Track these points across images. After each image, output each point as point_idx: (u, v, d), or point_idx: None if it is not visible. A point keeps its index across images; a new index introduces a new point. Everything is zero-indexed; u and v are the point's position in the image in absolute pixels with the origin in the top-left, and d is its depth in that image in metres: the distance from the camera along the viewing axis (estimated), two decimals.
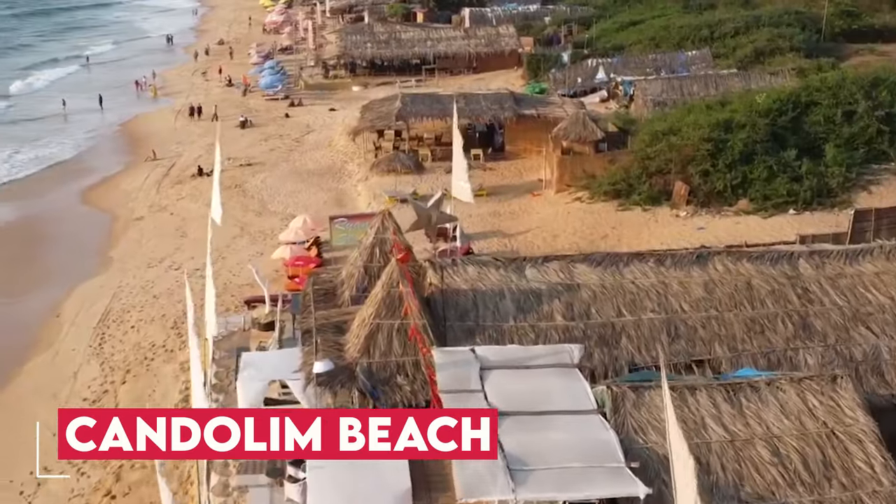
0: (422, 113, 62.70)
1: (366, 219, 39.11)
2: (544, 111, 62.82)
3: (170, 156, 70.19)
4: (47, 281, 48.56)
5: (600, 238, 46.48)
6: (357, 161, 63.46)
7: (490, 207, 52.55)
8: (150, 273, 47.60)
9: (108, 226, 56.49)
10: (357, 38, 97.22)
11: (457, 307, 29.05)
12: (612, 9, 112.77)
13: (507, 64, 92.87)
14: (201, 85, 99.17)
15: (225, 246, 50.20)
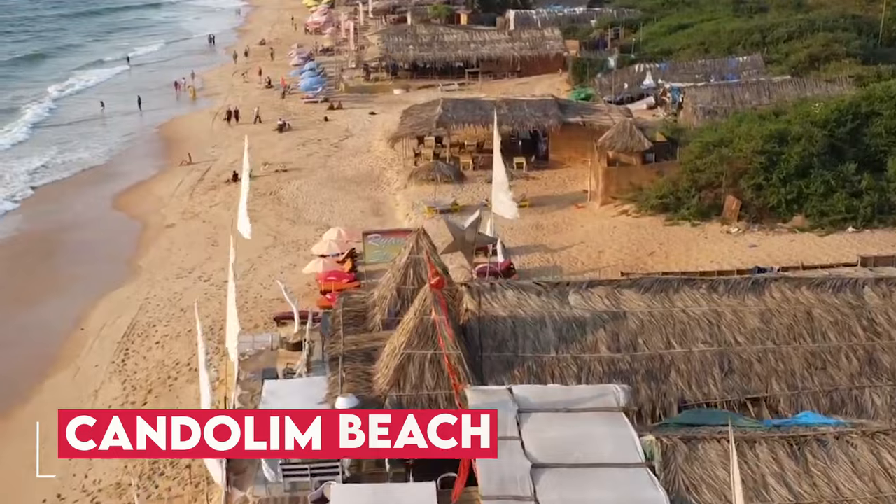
0: (463, 119, 60.81)
1: (400, 235, 37.34)
2: (590, 119, 60.73)
3: (205, 160, 68.76)
4: (75, 290, 47.18)
5: (647, 255, 44.39)
6: (396, 168, 61.69)
7: (532, 219, 50.57)
8: (179, 284, 46.06)
9: (139, 233, 55.03)
10: (399, 40, 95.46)
11: (494, 336, 27.20)
12: (659, 11, 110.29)
13: (551, 68, 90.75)
14: (240, 86, 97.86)
15: (257, 256, 48.65)
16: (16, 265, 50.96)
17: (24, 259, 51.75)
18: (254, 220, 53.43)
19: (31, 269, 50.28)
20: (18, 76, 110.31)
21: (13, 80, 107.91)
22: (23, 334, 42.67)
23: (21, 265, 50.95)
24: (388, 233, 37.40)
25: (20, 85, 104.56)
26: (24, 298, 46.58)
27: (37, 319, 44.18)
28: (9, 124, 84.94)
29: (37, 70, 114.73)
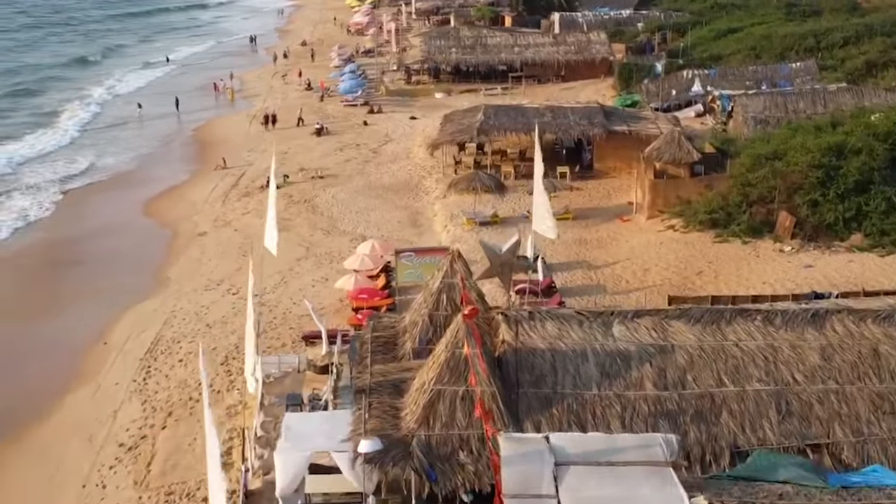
0: (505, 127, 58.85)
1: (434, 254, 35.51)
2: (636, 127, 58.55)
3: (240, 164, 67.25)
4: (101, 301, 45.73)
5: (695, 274, 42.19)
6: (435, 176, 59.80)
7: (575, 233, 48.54)
8: (207, 297, 44.46)
9: (169, 241, 53.56)
10: (442, 43, 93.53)
11: (532, 370, 25.23)
12: (708, 15, 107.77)
13: (597, 72, 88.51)
14: (280, 88, 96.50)
15: (288, 269, 46.98)
16: (42, 273, 49.70)
17: (51, 267, 50.54)
18: (286, 229, 52.41)
19: (57, 278, 49.01)
20: (65, 77, 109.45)
21: (59, 80, 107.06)
22: (47, 345, 41.35)
23: (47, 273, 49.70)
24: (422, 251, 35.53)
25: (66, 86, 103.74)
26: (50, 308, 45.26)
27: (61, 330, 42.85)
28: (48, 128, 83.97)
29: (82, 72, 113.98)
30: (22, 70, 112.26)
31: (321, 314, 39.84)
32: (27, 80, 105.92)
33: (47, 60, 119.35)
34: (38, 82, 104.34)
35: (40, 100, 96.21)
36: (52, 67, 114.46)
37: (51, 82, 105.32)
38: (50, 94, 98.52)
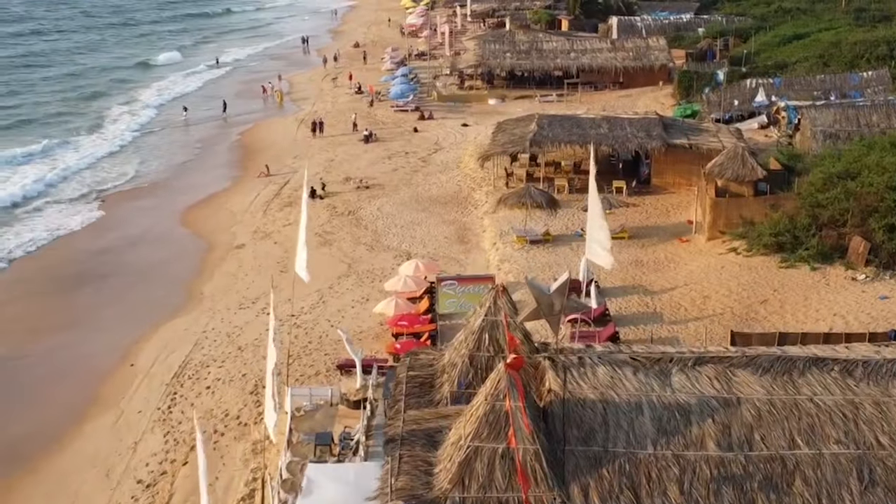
0: (559, 138, 56.24)
1: (478, 282, 33.09)
2: (697, 140, 55.67)
3: (284, 172, 65.26)
4: (131, 317, 43.88)
5: (759, 303, 39.33)
6: (485, 188, 57.35)
7: (631, 254, 45.89)
8: (241, 316, 42.38)
9: (206, 254, 51.57)
10: (496, 47, 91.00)
11: (581, 425, 22.65)
12: (772, 20, 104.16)
13: (656, 79, 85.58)
14: (330, 91, 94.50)
15: (328, 287, 44.84)
16: (72, 286, 47.96)
17: (81, 280, 48.84)
18: (328, 243, 50.53)
19: (86, 291, 47.28)
20: (121, 80, 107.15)
21: (115, 84, 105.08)
22: (73, 364, 39.65)
23: (77, 286, 47.99)
24: (465, 280, 33.04)
25: (120, 90, 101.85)
26: (78, 323, 43.64)
27: (89, 348, 41.09)
28: (99, 133, 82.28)
29: (139, 75, 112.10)
30: (83, 73, 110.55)
31: (358, 340, 37.74)
32: (86, 83, 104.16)
33: (105, 62, 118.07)
34: (95, 86, 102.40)
35: (96, 103, 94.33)
36: (110, 70, 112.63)
37: (107, 86, 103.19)
38: (104, 99, 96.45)
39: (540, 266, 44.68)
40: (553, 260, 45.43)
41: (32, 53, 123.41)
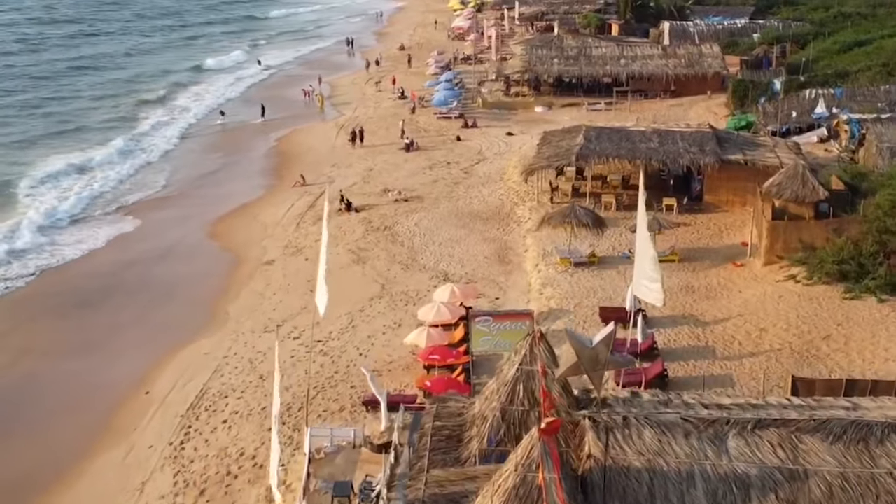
0: (607, 152, 53.51)
1: (514, 319, 30.50)
2: (753, 156, 52.67)
3: (321, 181, 62.77)
4: (150, 338, 41.74)
5: (821, 339, 36.35)
6: (529, 204, 54.66)
7: (682, 278, 43.10)
8: (265, 341, 39.99)
9: (234, 269, 49.36)
10: (544, 53, 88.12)
11: (624, 496, 20.19)
12: (831, 25, 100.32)
13: (708, 88, 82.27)
14: (372, 96, 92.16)
15: (358, 310, 42.46)
16: (94, 303, 45.99)
17: (105, 296, 46.84)
18: (362, 260, 48.14)
19: (109, 309, 45.20)
20: (172, 83, 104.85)
21: (163, 87, 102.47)
22: (86, 391, 37.67)
23: (100, 303, 46.02)
24: (501, 316, 30.38)
25: (162, 93, 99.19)
26: (96, 345, 41.55)
27: (104, 373, 38.97)
28: (138, 140, 79.99)
29: (189, 77, 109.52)
30: (131, 78, 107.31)
31: (388, 371, 35.40)
32: (130, 88, 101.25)
33: (153, 67, 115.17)
34: (139, 91, 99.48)
35: (139, 109, 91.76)
36: (159, 75, 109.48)
37: (151, 90, 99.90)
38: (147, 105, 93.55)
39: (584, 292, 42.03)
40: (598, 285, 42.73)
41: (82, 57, 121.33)
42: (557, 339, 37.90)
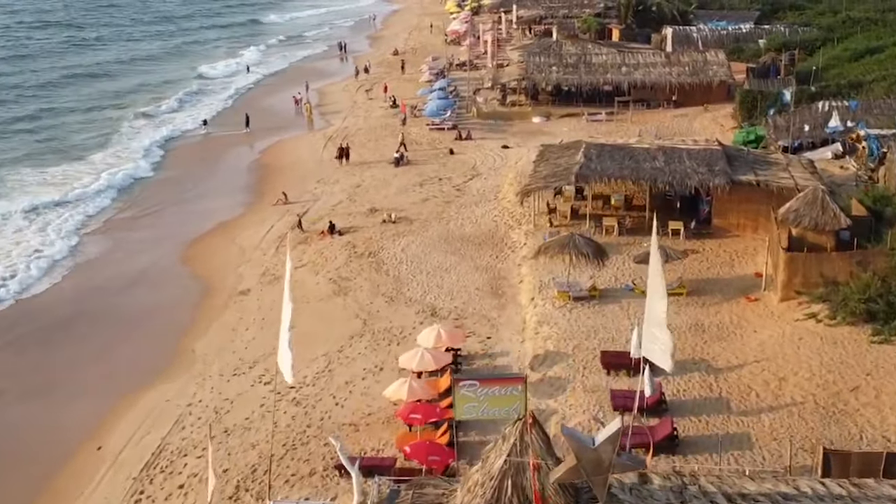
0: (609, 173, 49.78)
1: (505, 384, 26.61)
2: (765, 177, 48.90)
3: (304, 199, 59.27)
4: (111, 380, 38.18)
5: (848, 390, 32.63)
6: (525, 227, 50.95)
7: (691, 315, 39.42)
8: (234, 386, 36.47)
9: (205, 300, 45.69)
10: (542, 60, 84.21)
11: None
12: (840, 30, 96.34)
13: (714, 97, 78.61)
14: (363, 104, 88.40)
15: (337, 349, 38.86)
16: (50, 338, 42.38)
17: (65, 329, 43.45)
18: (344, 292, 44.48)
19: (67, 345, 41.65)
20: (150, 93, 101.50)
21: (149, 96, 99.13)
22: (31, 442, 34.49)
23: (58, 337, 42.50)
24: (488, 381, 26.61)
25: (142, 104, 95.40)
26: (49, 386, 38.12)
27: (54, 420, 35.58)
28: (110, 150, 76.54)
29: (169, 82, 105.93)
30: (123, 89, 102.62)
31: (365, 426, 31.74)
32: (127, 99, 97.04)
33: (142, 74, 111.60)
34: (123, 100, 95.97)
35: (120, 117, 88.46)
36: (154, 82, 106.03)
37: (138, 98, 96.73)
38: (127, 110, 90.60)
39: (584, 331, 38.32)
40: (600, 323, 39.01)
41: (71, 66, 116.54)
42: (555, 388, 34.45)
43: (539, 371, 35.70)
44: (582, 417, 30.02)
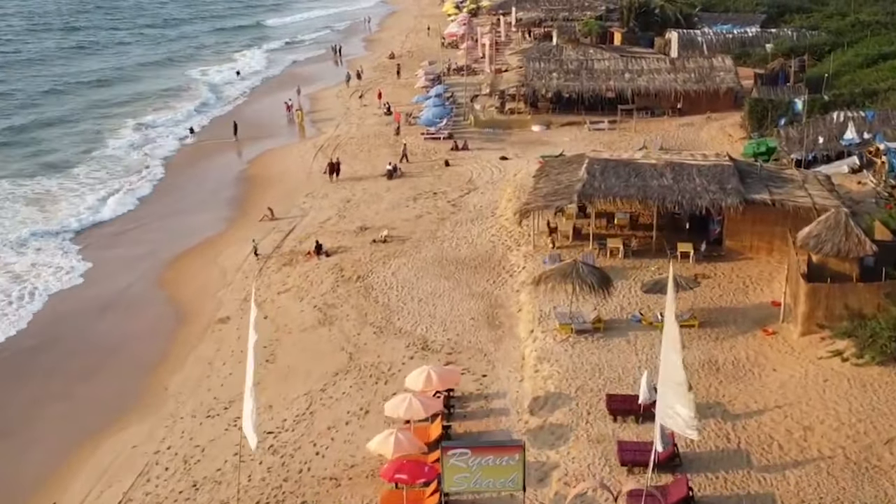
0: (614, 191, 46.57)
1: (500, 452, 23.53)
2: (781, 195, 45.76)
3: (292, 215, 56.15)
4: (72, 422, 35.17)
5: (882, 443, 29.51)
6: (524, 248, 47.80)
7: (704, 350, 36.32)
8: (206, 429, 33.39)
9: (181, 328, 42.56)
10: (542, 66, 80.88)
11: None
12: (850, 34, 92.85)
13: (721, 105, 75.46)
14: (357, 111, 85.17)
15: (320, 388, 35.86)
16: (13, 372, 39.37)
17: (25, 363, 40.50)
18: (330, 321, 41.45)
19: (28, 380, 38.66)
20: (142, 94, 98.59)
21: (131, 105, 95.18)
22: None
23: (19, 372, 39.37)
24: (481, 449, 23.53)
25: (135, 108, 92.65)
26: (6, 430, 34.98)
27: (6, 471, 32.41)
28: (94, 162, 73.18)
29: (157, 90, 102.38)
30: (112, 96, 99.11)
31: (348, 480, 28.62)
32: (115, 109, 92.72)
33: (134, 79, 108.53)
34: (112, 111, 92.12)
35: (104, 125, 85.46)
36: (143, 89, 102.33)
37: (125, 108, 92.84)
38: (113, 127, 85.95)
39: (588, 369, 35.20)
40: (605, 360, 35.86)
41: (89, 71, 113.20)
42: (556, 436, 31.30)
43: (539, 416, 32.62)
44: (587, 484, 26.82)
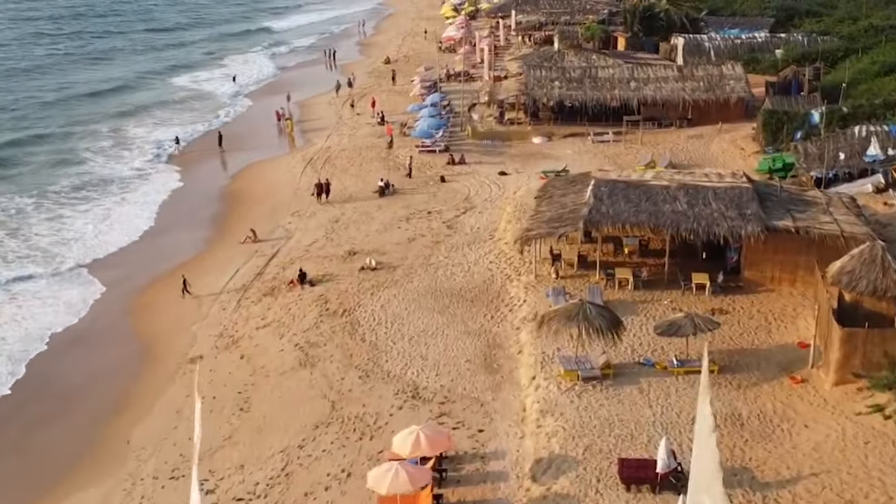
0: (623, 217, 42.78)
1: None
2: (805, 221, 41.95)
3: (275, 237, 52.43)
4: (20, 485, 31.45)
5: None
6: (525, 278, 43.95)
7: (725, 401, 32.56)
8: (168, 495, 29.77)
9: (150, 368, 38.94)
10: (543, 74, 76.87)
11: None
12: (863, 40, 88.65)
13: (732, 115, 71.58)
14: (349, 120, 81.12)
15: (298, 445, 32.14)
16: None
17: None
18: (311, 363, 37.67)
19: None
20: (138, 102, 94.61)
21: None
22: None
23: None
24: None
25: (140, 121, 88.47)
26: None
27: None
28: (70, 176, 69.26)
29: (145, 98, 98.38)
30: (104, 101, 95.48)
31: None
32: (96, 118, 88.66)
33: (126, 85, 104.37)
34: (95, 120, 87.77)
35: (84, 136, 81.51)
36: (131, 96, 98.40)
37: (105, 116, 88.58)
38: (95, 138, 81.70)
39: (597, 424, 31.38)
40: (615, 413, 32.05)
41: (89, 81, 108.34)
42: None
43: (542, 482, 28.86)
44: None
